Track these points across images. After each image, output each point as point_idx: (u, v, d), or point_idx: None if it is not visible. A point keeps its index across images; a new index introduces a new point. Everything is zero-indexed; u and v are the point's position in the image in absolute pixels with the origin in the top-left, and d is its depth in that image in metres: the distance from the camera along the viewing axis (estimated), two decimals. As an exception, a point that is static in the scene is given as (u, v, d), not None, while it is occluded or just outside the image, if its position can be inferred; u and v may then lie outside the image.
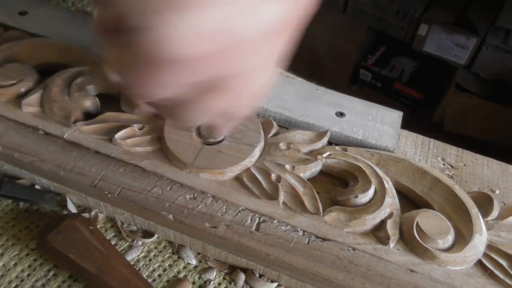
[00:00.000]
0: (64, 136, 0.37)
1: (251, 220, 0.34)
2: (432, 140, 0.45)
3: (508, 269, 0.33)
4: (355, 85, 1.59)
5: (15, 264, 0.34)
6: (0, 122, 0.38)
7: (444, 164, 0.42)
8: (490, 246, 0.35)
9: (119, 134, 0.37)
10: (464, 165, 0.43)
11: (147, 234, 0.37)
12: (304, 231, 0.34)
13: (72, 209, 0.37)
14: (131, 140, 0.37)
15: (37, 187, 0.38)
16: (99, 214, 0.37)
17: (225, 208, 0.34)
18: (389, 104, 0.49)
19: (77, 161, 0.36)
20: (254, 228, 0.33)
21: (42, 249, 0.33)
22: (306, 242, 0.33)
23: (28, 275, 0.33)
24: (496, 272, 0.33)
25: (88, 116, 0.40)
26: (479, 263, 0.34)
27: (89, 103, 0.40)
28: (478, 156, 0.44)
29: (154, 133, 0.38)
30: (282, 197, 0.35)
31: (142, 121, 0.38)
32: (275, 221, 0.34)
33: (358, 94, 0.80)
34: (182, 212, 0.34)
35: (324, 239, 0.33)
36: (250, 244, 0.33)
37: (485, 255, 0.34)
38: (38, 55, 0.43)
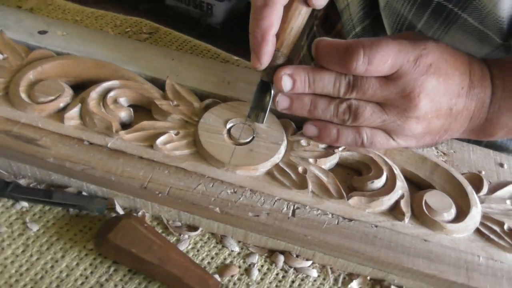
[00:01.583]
0: (108, 145, 0.42)
1: (286, 207, 0.40)
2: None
3: (501, 233, 0.41)
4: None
5: (77, 264, 0.38)
6: (46, 135, 0.42)
7: (437, 152, 0.50)
8: (484, 216, 0.42)
9: (159, 140, 0.42)
10: (454, 152, 0.51)
11: (192, 228, 0.42)
12: (332, 214, 0.40)
13: (120, 211, 0.42)
14: (170, 145, 0.42)
15: (84, 193, 0.42)
16: (145, 213, 0.42)
17: (263, 199, 0.40)
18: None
19: (124, 166, 0.40)
20: (290, 214, 0.39)
21: (103, 247, 0.38)
22: (336, 223, 0.40)
23: (91, 272, 0.38)
24: (492, 236, 0.41)
25: (123, 125, 0.44)
26: (477, 230, 0.41)
27: (124, 114, 0.44)
28: (464, 143, 0.52)
29: (189, 138, 0.43)
30: (310, 186, 0.41)
31: (175, 127, 0.44)
32: (307, 207, 0.40)
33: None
34: (226, 205, 0.39)
35: (350, 220, 0.40)
36: (289, 228, 0.39)
37: (481, 223, 0.42)
38: (69, 72, 0.47)
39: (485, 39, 0.45)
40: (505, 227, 0.42)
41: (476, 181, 0.45)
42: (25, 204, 0.41)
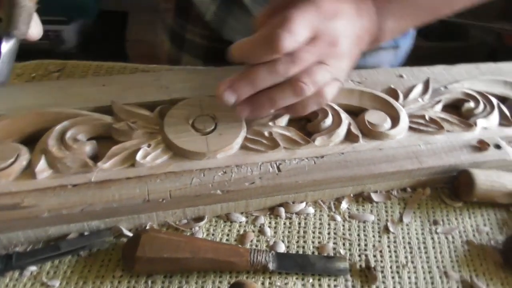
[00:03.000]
0: (92, 180, 0.44)
1: (271, 167, 0.47)
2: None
3: (426, 123, 0.54)
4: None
5: (117, 292, 0.41)
6: (26, 196, 0.43)
7: (354, 82, 0.62)
8: (410, 116, 0.55)
9: (139, 157, 0.46)
10: (366, 79, 0.63)
11: (198, 219, 0.47)
12: (307, 158, 0.49)
13: (128, 233, 0.45)
14: (149, 157, 0.46)
15: (86, 233, 0.45)
16: (152, 225, 0.46)
17: (250, 169, 0.47)
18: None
19: (119, 191, 0.44)
20: (277, 171, 0.47)
21: (136, 267, 0.41)
22: (313, 163, 0.48)
23: (134, 292, 0.41)
24: (421, 128, 0.53)
25: (92, 159, 0.47)
26: (410, 128, 0.54)
27: (88, 148, 0.47)
28: (373, 70, 0.64)
29: (161, 145, 0.47)
30: (281, 144, 0.49)
31: (144, 141, 0.48)
32: (286, 161, 0.48)
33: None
34: (224, 185, 0.45)
35: (322, 156, 0.49)
36: (281, 181, 0.46)
37: (410, 122, 0.54)
38: (11, 132, 0.47)
39: None
40: (426, 117, 0.55)
41: (393, 93, 0.58)
42: (33, 268, 0.42)
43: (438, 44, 1.80)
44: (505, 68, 0.69)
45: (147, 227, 0.46)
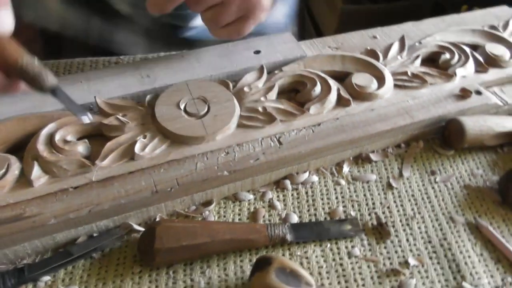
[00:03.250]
0: (93, 179, 0.43)
1: (272, 141, 0.47)
2: (314, 40, 0.64)
3: (409, 79, 0.55)
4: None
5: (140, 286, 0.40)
6: (26, 205, 0.41)
7: (331, 49, 0.62)
8: (392, 74, 0.56)
9: (137, 149, 0.44)
10: (342, 43, 0.64)
11: (206, 203, 0.47)
12: (304, 127, 0.49)
13: (139, 228, 0.44)
14: (147, 148, 0.45)
15: (95, 234, 0.43)
16: (162, 216, 0.45)
17: (251, 145, 0.47)
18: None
19: (124, 186, 0.42)
20: (278, 144, 0.47)
21: (156, 259, 0.40)
22: (312, 131, 0.49)
23: (157, 287, 0.41)
24: (405, 84, 0.55)
25: (87, 158, 0.45)
26: (395, 86, 0.55)
27: (81, 148, 0.45)
28: (346, 34, 0.65)
29: (157, 134, 0.46)
30: (277, 117, 0.49)
31: (138, 133, 0.46)
32: (285, 133, 0.48)
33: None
34: (229, 165, 0.45)
35: (319, 124, 0.50)
36: (284, 154, 0.46)
37: (394, 79, 0.56)
38: (-5, 141, 0.45)
39: None
40: (409, 73, 0.56)
41: (373, 54, 0.59)
42: (47, 278, 0.41)
43: (385, 5, 1.84)
44: (467, 18, 0.72)
45: (157, 219, 0.45)
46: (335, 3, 1.72)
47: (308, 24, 1.95)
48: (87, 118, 0.41)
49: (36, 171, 0.42)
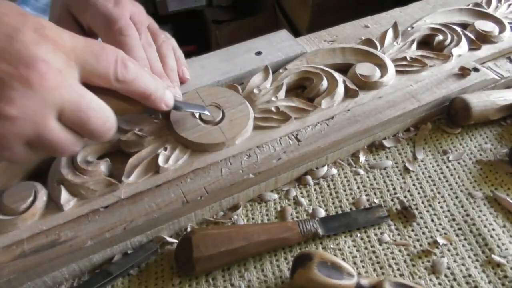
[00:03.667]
0: (122, 197, 0.43)
1: (290, 139, 0.48)
2: (309, 35, 0.65)
3: (409, 64, 0.57)
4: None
5: (183, 298, 0.41)
6: (60, 230, 0.41)
7: (328, 42, 0.64)
8: (392, 61, 0.58)
9: (161, 162, 0.45)
10: (336, 36, 0.65)
11: (233, 208, 0.48)
12: (319, 122, 0.50)
13: (172, 240, 0.45)
14: (170, 160, 0.46)
15: (129, 251, 0.44)
16: (192, 226, 0.46)
17: (271, 146, 0.48)
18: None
19: (154, 200, 0.43)
20: (297, 142, 0.48)
21: (196, 268, 0.41)
22: (327, 125, 0.50)
23: (200, 293, 0.41)
24: (407, 69, 0.57)
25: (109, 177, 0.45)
26: (397, 71, 0.57)
27: (103, 167, 0.45)
28: (339, 26, 0.67)
29: (177, 145, 0.47)
30: (291, 115, 0.50)
31: (158, 146, 0.47)
32: (300, 129, 0.49)
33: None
34: (253, 168, 0.46)
35: (332, 117, 0.51)
36: (304, 150, 0.48)
37: (395, 66, 0.57)
38: (17, 169, 0.45)
39: None
40: (408, 58, 0.58)
41: (370, 43, 0.61)
42: (88, 300, 0.41)
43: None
44: (450, -2, 0.74)
45: (188, 229, 0.46)
46: (305, -4, 1.75)
47: (280, 19, 1.97)
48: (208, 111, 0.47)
49: (64, 195, 0.42)
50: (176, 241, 0.45)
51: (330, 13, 1.81)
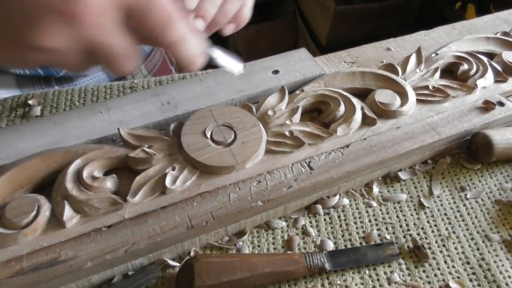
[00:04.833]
0: (126, 217, 0.42)
1: (302, 167, 0.47)
2: (329, 55, 0.64)
3: (431, 93, 0.56)
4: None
5: (181, 327, 0.40)
6: (61, 248, 0.40)
7: (347, 64, 0.63)
8: (414, 89, 0.56)
9: (168, 183, 0.44)
10: (357, 57, 0.64)
11: (239, 234, 0.46)
12: (333, 150, 0.49)
13: (174, 264, 0.44)
14: (178, 181, 0.45)
15: (130, 273, 0.43)
16: (196, 250, 0.45)
17: (282, 173, 0.47)
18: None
19: (158, 223, 0.42)
20: (309, 169, 0.47)
21: (195, 297, 0.40)
22: (341, 154, 0.49)
23: (199, 323, 0.40)
24: (428, 98, 0.55)
25: (115, 194, 0.45)
26: (417, 100, 0.55)
27: (109, 183, 0.45)
28: (359, 48, 0.65)
29: (186, 165, 0.46)
30: (304, 141, 0.49)
31: (166, 165, 0.46)
32: (314, 157, 0.48)
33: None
34: (262, 195, 0.45)
35: (347, 146, 0.50)
36: (317, 179, 0.46)
37: (416, 94, 0.56)
38: (20, 182, 0.44)
39: None
40: (430, 87, 0.56)
41: (392, 68, 0.59)
42: (84, 321, 0.40)
43: (378, 4, 1.85)
44: (477, 24, 0.73)
45: (192, 253, 0.45)
46: (327, 4, 1.73)
47: (300, 25, 1.96)
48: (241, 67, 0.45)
49: (67, 211, 0.42)
50: (178, 264, 0.44)
51: (350, 23, 1.80)
